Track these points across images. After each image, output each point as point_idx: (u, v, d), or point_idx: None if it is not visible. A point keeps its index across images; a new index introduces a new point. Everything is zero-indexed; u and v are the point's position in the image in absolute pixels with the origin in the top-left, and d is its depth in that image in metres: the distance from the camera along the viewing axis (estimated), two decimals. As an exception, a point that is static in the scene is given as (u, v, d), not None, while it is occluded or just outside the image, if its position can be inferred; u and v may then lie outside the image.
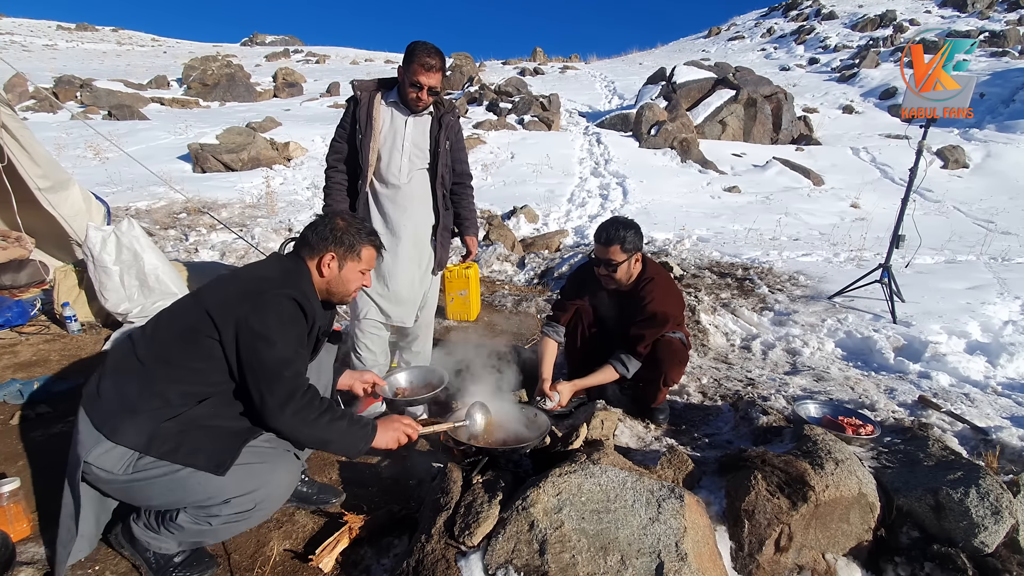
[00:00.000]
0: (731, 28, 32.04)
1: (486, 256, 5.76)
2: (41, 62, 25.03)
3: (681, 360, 2.44)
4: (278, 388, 1.49)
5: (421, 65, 2.13)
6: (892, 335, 3.56)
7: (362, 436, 1.63)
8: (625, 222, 2.29)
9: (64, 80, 16.87)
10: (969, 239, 7.53)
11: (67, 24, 41.02)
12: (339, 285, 1.71)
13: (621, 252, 2.26)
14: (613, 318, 2.47)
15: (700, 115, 13.05)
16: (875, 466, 1.95)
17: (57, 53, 30.14)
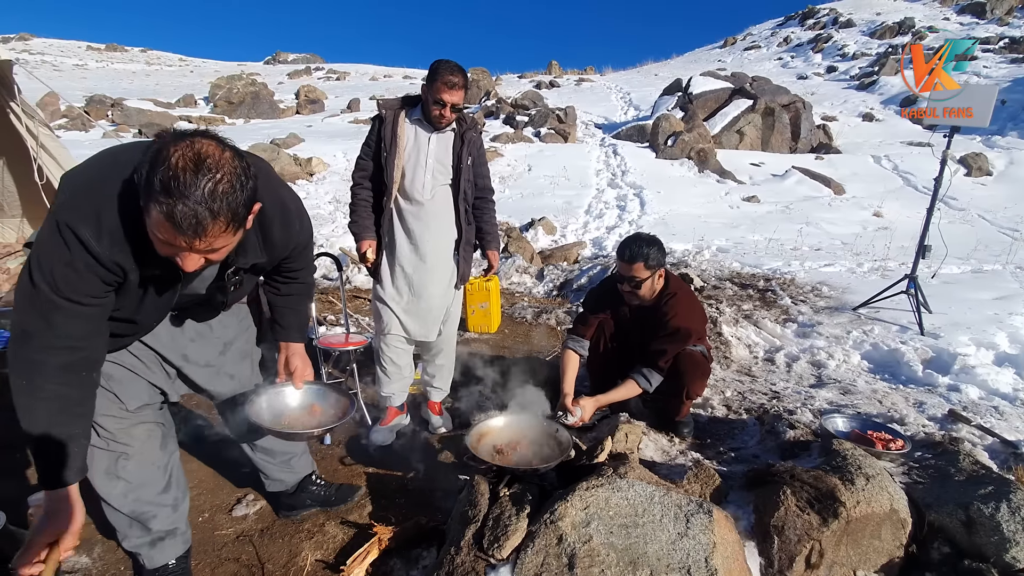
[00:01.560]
0: (747, 38, 31.95)
1: (505, 268, 5.80)
2: (72, 81, 26.02)
3: (703, 373, 2.45)
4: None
5: (444, 83, 2.19)
6: (920, 347, 3.50)
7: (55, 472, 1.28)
8: (648, 239, 2.31)
9: (96, 99, 17.54)
10: (995, 248, 7.36)
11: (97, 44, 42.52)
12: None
13: (645, 269, 2.28)
14: (635, 332, 2.48)
15: (717, 125, 13.02)
16: (906, 481, 1.92)
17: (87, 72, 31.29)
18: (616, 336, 2.57)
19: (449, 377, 2.72)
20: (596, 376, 2.67)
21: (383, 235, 2.39)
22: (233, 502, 2.06)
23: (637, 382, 2.34)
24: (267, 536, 1.89)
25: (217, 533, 1.89)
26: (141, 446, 1.59)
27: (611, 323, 2.56)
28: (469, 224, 2.45)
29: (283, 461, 1.92)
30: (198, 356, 1.65)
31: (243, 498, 2.07)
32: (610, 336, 2.57)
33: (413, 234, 2.37)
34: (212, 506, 2.04)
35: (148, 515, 1.59)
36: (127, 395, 1.54)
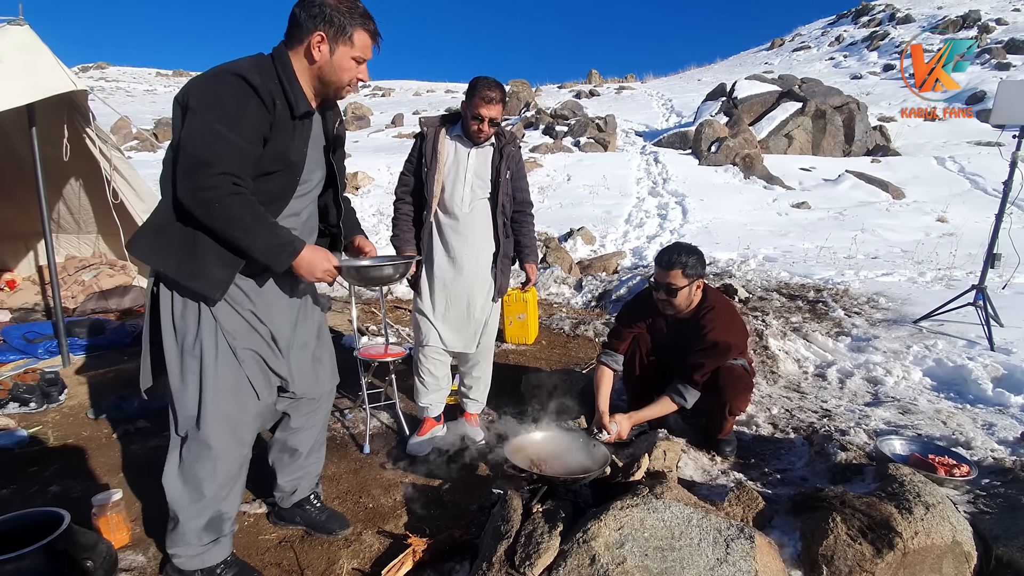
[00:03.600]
0: (795, 39, 30.86)
1: (543, 279, 5.79)
2: (143, 106, 27.97)
3: (745, 387, 2.36)
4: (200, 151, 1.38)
5: (482, 99, 2.23)
6: (990, 364, 3.25)
7: (287, 247, 1.48)
8: (688, 248, 2.26)
9: (163, 122, 18.74)
10: (1081, 254, 6.75)
11: (165, 71, 45.60)
12: (331, 73, 1.54)
13: (682, 277, 2.22)
14: (672, 347, 2.42)
15: (764, 129, 12.61)
16: (971, 511, 1.78)
17: (156, 97, 33.54)
18: (653, 351, 2.51)
19: (486, 389, 2.73)
20: (632, 391, 2.62)
21: (423, 248, 2.44)
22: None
23: (673, 399, 2.28)
24: (307, 542, 1.94)
25: (261, 538, 1.96)
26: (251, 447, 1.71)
27: (647, 337, 2.50)
28: (507, 237, 2.47)
29: (298, 466, 1.93)
30: (302, 335, 1.77)
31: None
32: (646, 351, 2.52)
33: (452, 247, 2.41)
34: (254, 513, 2.11)
35: (226, 516, 1.67)
36: (257, 381, 1.64)
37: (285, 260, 1.49)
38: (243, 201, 1.43)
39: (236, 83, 1.43)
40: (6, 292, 4.79)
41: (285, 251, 1.49)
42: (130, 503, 2.14)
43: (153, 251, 1.52)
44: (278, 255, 1.49)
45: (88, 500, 1.92)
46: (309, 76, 1.55)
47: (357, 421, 2.79)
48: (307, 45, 1.50)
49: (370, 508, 2.12)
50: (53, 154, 3.53)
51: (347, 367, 2.65)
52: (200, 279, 1.49)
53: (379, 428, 2.75)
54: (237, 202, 1.41)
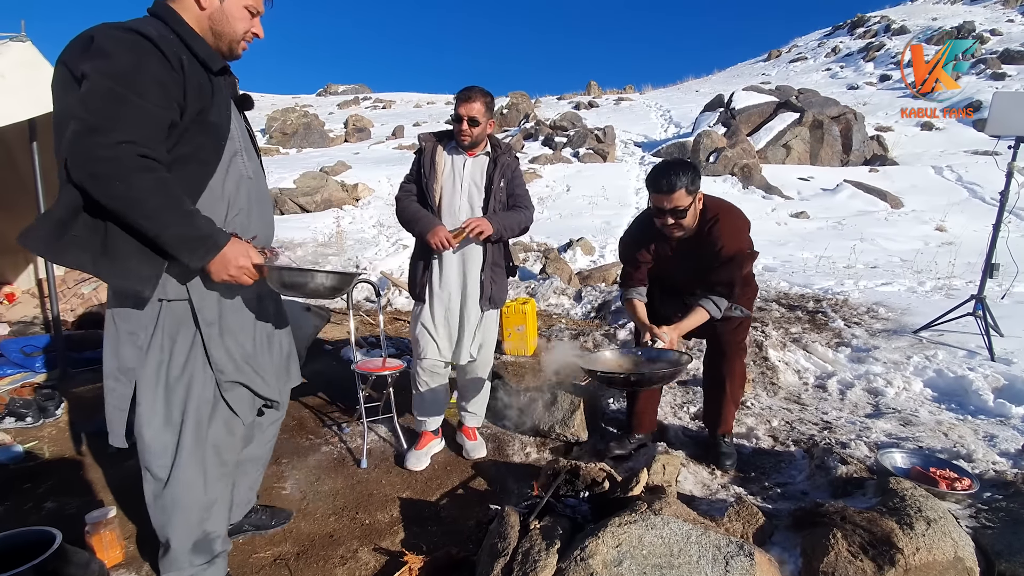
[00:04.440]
0: (792, 50, 31.14)
1: (543, 290, 5.79)
2: (146, 120, 28.10)
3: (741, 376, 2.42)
4: (93, 117, 1.15)
5: (458, 99, 2.33)
6: (991, 374, 3.23)
7: (207, 240, 1.27)
8: (681, 163, 2.15)
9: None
10: (1081, 263, 6.76)
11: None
12: (224, 22, 1.40)
13: (686, 196, 2.11)
14: (682, 268, 2.32)
15: (762, 140, 12.68)
16: (973, 526, 1.76)
17: None
18: (663, 278, 2.41)
19: (484, 402, 2.71)
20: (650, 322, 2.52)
21: (417, 255, 2.45)
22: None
23: (706, 308, 2.18)
24: (303, 560, 1.92)
25: (255, 556, 1.94)
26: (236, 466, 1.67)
27: (655, 266, 2.39)
28: (496, 246, 2.47)
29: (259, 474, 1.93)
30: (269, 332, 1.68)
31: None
32: (658, 279, 2.43)
33: (449, 256, 2.42)
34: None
35: (215, 535, 1.63)
36: (243, 408, 1.57)
37: (201, 256, 1.27)
38: (152, 180, 1.19)
39: (129, 38, 1.22)
40: (5, 305, 4.79)
41: (203, 244, 1.27)
42: (124, 520, 2.12)
43: (57, 246, 1.25)
44: (193, 249, 1.26)
45: (82, 517, 1.90)
46: (201, 29, 1.39)
47: (355, 435, 2.77)
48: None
49: (366, 524, 2.10)
50: (54, 168, 3.54)
51: (346, 380, 2.65)
52: (124, 276, 1.28)
53: (377, 442, 2.73)
54: (143, 180, 1.18)
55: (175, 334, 1.44)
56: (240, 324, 1.55)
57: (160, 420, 1.46)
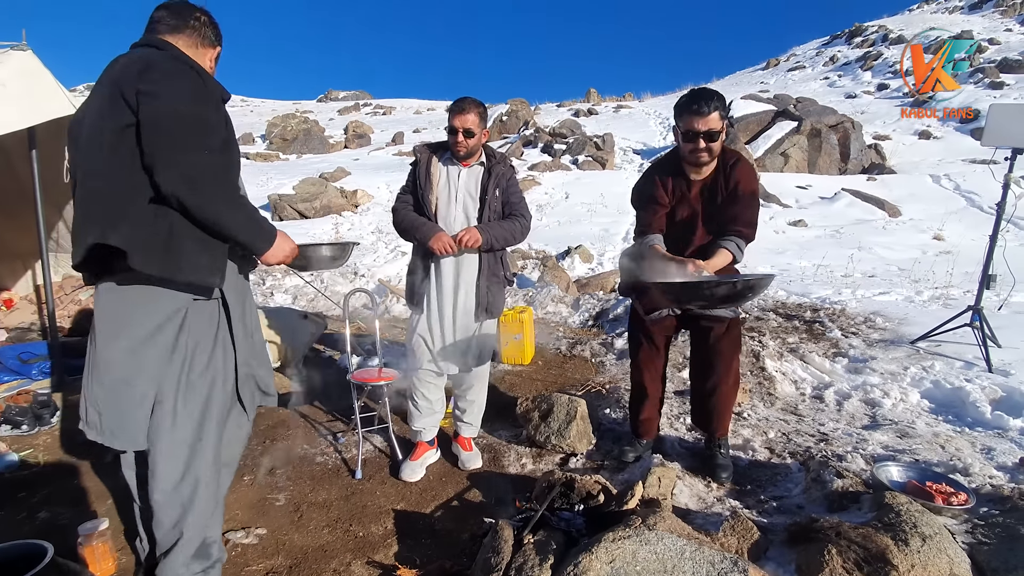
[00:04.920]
0: (790, 59, 31.33)
1: (540, 298, 5.79)
2: (147, 125, 28.19)
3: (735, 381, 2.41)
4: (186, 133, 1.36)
5: (453, 111, 2.34)
6: (988, 386, 3.23)
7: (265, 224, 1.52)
8: (712, 91, 2.17)
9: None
10: (1079, 272, 6.77)
11: (170, 91, 46.24)
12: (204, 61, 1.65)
13: (719, 119, 2.12)
14: (703, 212, 2.29)
15: (760, 148, 12.74)
16: (969, 542, 1.75)
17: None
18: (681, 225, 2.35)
19: (480, 412, 2.71)
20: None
21: (419, 269, 2.45)
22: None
23: (728, 248, 2.17)
24: (295, 574, 1.91)
25: (247, 569, 1.93)
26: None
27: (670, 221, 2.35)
28: (492, 255, 2.47)
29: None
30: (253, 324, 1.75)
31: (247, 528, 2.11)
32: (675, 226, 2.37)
33: (444, 266, 2.42)
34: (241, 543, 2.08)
35: (212, 541, 1.64)
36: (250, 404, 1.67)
37: (264, 240, 1.50)
38: (230, 180, 1.46)
39: (185, 67, 1.46)
40: (3, 311, 4.79)
41: (264, 230, 1.51)
42: (117, 531, 2.11)
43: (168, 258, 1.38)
44: (258, 234, 1.49)
45: (76, 528, 1.89)
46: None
47: (350, 445, 2.76)
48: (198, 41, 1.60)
49: (360, 537, 2.09)
50: (53, 176, 3.55)
51: (343, 388, 2.64)
52: (190, 270, 1.40)
53: (372, 452, 2.72)
54: (227, 180, 1.44)
55: (200, 333, 1.54)
56: (252, 319, 1.71)
57: (184, 419, 1.52)
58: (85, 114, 1.48)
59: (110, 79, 1.40)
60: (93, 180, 1.42)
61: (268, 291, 6.24)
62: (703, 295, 1.80)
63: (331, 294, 6.20)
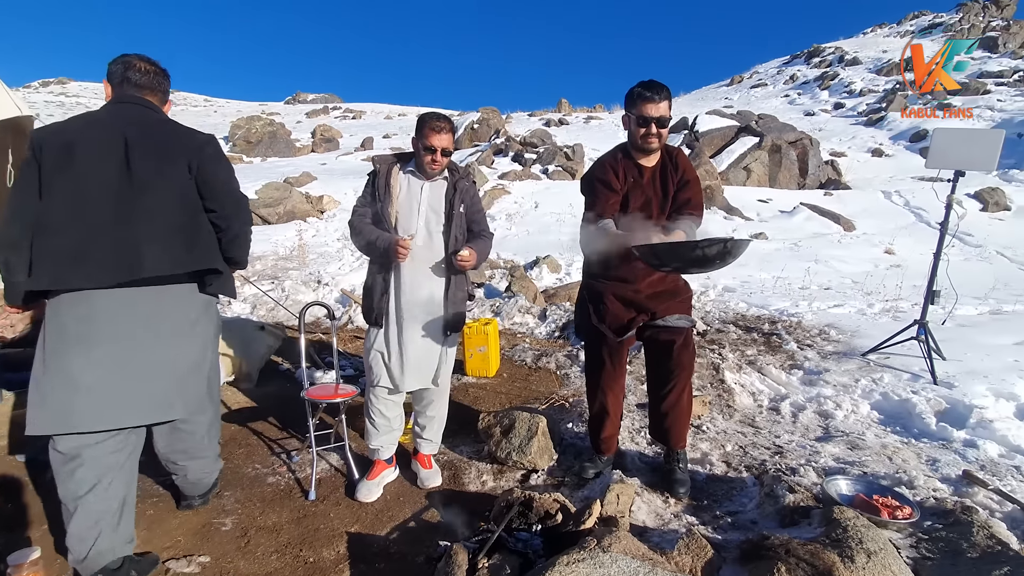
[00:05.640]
0: (753, 76, 32.48)
1: (507, 308, 5.78)
2: (103, 124, 27.09)
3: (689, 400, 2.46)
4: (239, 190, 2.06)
5: (431, 129, 2.27)
6: (933, 398, 3.36)
7: None
8: (661, 82, 2.27)
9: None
10: (1015, 287, 7.17)
11: (129, 88, 44.60)
12: None
13: (669, 108, 2.26)
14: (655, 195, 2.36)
15: (724, 162, 13.10)
16: (913, 556, 1.80)
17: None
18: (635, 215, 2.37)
19: (440, 429, 2.65)
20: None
21: (378, 281, 2.39)
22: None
23: (683, 228, 2.19)
24: (239, 604, 1.82)
25: (188, 600, 1.82)
26: None
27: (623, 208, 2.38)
28: (459, 272, 2.44)
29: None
30: None
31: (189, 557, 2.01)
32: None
33: (404, 280, 2.37)
34: (180, 572, 1.97)
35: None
36: None
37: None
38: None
39: None
40: (-69, 321, 4.46)
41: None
42: (52, 559, 1.97)
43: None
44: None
45: (5, 557, 1.76)
46: None
47: (304, 464, 2.66)
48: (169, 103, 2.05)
49: (310, 563, 2.01)
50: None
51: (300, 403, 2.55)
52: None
53: (327, 472, 2.63)
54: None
55: (217, 325, 2.12)
56: None
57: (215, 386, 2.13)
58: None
59: (187, 145, 1.89)
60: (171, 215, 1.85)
61: (225, 300, 6.02)
62: (694, 255, 1.81)
63: (292, 303, 6.03)
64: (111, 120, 1.80)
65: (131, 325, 1.80)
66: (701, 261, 1.84)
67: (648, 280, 2.37)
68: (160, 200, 1.78)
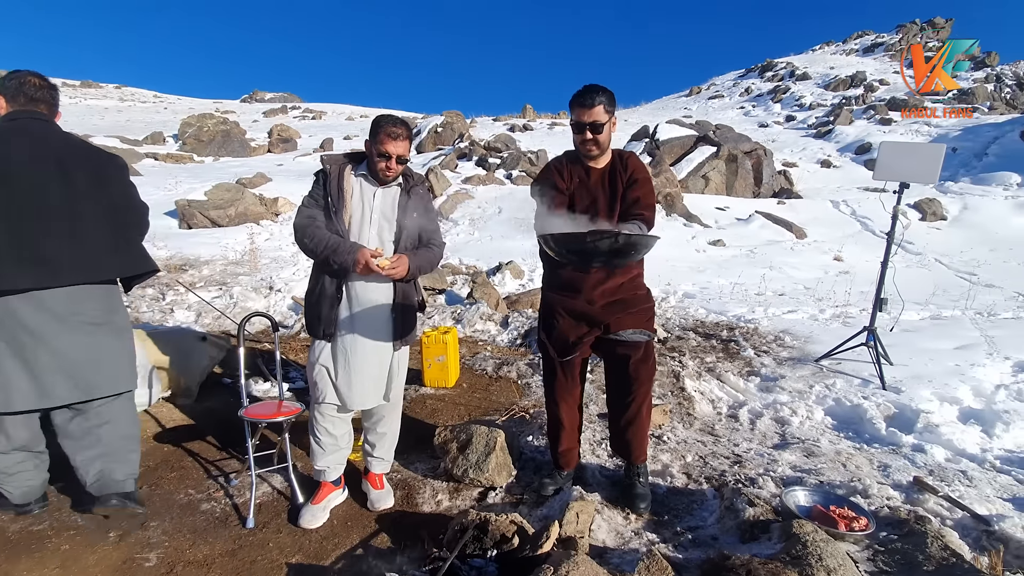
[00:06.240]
0: (711, 87, 33.55)
1: (469, 315, 5.66)
2: (40, 118, 25.49)
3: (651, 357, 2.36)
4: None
5: (388, 135, 2.12)
6: (882, 403, 3.45)
7: None
8: (600, 86, 2.21)
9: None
10: (953, 292, 7.56)
11: (72, 81, 42.22)
12: None
13: (604, 113, 2.18)
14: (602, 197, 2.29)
15: (683, 170, 13.39)
16: (871, 570, 1.79)
17: (60, 109, 30.83)
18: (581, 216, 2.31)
19: (392, 446, 2.52)
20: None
21: (328, 291, 2.23)
22: None
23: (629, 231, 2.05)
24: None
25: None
26: None
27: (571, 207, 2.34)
28: (408, 282, 2.31)
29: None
30: None
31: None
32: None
33: (353, 291, 2.23)
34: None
35: None
36: None
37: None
38: None
39: None
40: None
41: None
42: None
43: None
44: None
45: None
46: None
47: (244, 488, 2.47)
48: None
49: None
50: None
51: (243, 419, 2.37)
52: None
53: (269, 495, 2.45)
54: None
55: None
56: None
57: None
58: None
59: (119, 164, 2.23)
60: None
61: (168, 307, 5.66)
62: (585, 246, 1.75)
63: (240, 311, 5.72)
64: (13, 132, 1.96)
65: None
66: (593, 254, 1.76)
67: (600, 289, 2.29)
68: (79, 210, 1.96)
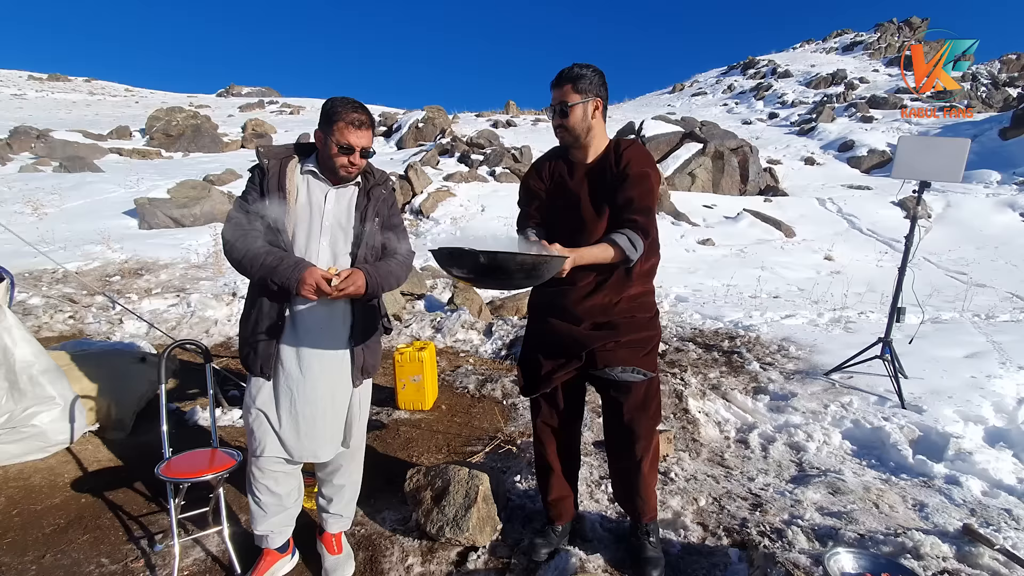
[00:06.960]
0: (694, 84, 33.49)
1: (450, 324, 5.23)
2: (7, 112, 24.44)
3: (655, 457, 2.01)
4: None
5: (350, 123, 1.69)
6: (905, 425, 3.13)
7: None
8: (585, 64, 1.87)
9: (20, 130, 16.18)
10: (947, 293, 7.38)
11: (39, 74, 40.62)
12: None
13: (574, 92, 1.82)
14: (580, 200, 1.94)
15: (670, 167, 13.11)
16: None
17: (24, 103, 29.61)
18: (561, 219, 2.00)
19: (353, 499, 2.08)
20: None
21: (264, 317, 1.79)
22: None
23: (618, 242, 1.77)
24: None
25: None
26: None
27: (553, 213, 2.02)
28: (368, 302, 1.89)
29: None
30: None
31: None
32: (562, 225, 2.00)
33: (298, 317, 1.79)
34: None
35: None
36: None
37: None
38: None
39: None
40: None
41: None
42: None
43: None
44: None
45: None
46: None
47: (168, 558, 2.02)
48: None
49: None
50: None
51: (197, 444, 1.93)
52: None
53: (200, 564, 2.00)
54: None
55: None
56: None
57: None
58: None
59: None
60: None
61: (116, 318, 5.12)
62: (469, 264, 1.48)
63: (198, 320, 5.21)
64: None
65: None
66: (484, 272, 1.50)
67: (587, 305, 1.89)
68: None
